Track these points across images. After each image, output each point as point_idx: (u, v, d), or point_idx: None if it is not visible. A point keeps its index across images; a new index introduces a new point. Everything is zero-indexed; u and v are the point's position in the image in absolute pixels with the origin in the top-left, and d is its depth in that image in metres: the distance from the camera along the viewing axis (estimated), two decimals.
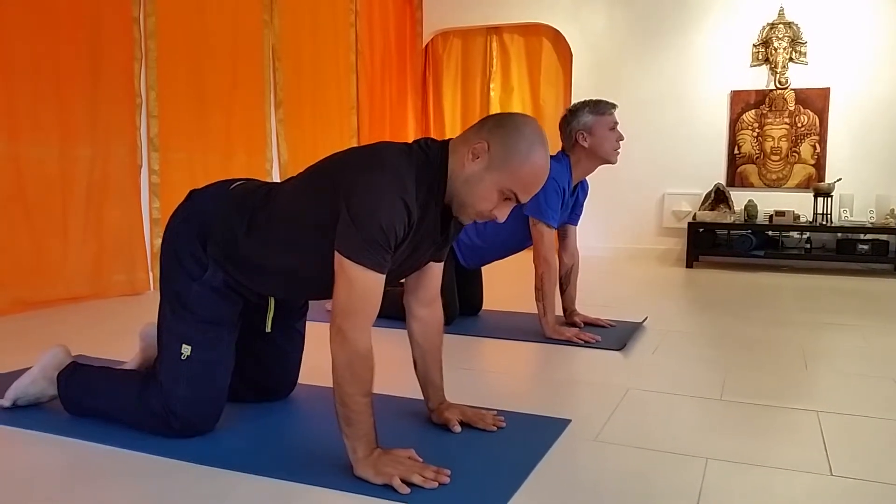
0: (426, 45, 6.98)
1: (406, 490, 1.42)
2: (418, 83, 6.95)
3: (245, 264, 1.69)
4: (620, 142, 2.87)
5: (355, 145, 4.20)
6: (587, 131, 2.83)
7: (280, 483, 1.49)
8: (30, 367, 1.97)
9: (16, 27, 3.32)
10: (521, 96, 6.68)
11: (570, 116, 2.88)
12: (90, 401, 1.84)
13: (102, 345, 2.71)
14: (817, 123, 5.70)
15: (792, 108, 5.77)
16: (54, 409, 1.90)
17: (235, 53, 4.59)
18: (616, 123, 2.86)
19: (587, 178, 3.04)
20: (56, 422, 1.83)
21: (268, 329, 1.91)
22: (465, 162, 1.52)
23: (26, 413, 1.89)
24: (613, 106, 2.87)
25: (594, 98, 2.93)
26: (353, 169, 1.51)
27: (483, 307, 3.44)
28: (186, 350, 1.68)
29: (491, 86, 6.75)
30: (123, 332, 2.98)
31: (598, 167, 2.94)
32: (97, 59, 3.71)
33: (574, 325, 3.08)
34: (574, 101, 6.37)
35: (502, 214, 1.56)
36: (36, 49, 3.41)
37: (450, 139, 1.60)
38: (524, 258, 3.29)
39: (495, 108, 6.59)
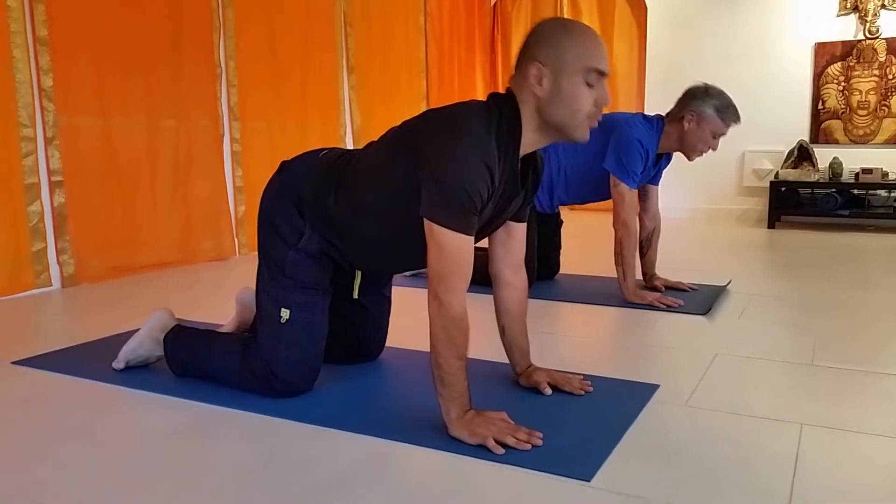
0: (494, 4, 6.87)
1: (500, 451, 1.46)
2: (487, 43, 6.87)
3: (340, 229, 1.74)
4: (708, 151, 2.81)
5: (426, 108, 4.20)
6: (698, 119, 2.75)
7: (378, 441, 1.55)
8: (137, 330, 2.09)
9: (103, 6, 3.43)
10: None
11: (700, 95, 2.75)
12: (195, 362, 1.94)
13: (196, 308, 2.83)
14: None
15: (882, 59, 5.46)
16: (161, 370, 2.01)
17: (308, 20, 4.63)
18: (723, 135, 2.78)
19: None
20: (163, 382, 1.94)
21: (355, 296, 1.97)
22: (536, 91, 1.52)
23: (136, 374, 2.01)
24: (737, 120, 2.75)
25: (729, 97, 2.76)
26: (434, 133, 1.52)
27: (559, 271, 3.43)
28: (285, 314, 1.76)
29: None
30: (214, 296, 3.11)
31: (676, 152, 2.91)
32: (178, 30, 3.80)
33: (655, 289, 3.05)
34: (649, 57, 6.29)
35: (606, 96, 1.55)
36: (122, 25, 3.52)
37: (508, 88, 1.59)
38: (602, 221, 3.25)
39: None
